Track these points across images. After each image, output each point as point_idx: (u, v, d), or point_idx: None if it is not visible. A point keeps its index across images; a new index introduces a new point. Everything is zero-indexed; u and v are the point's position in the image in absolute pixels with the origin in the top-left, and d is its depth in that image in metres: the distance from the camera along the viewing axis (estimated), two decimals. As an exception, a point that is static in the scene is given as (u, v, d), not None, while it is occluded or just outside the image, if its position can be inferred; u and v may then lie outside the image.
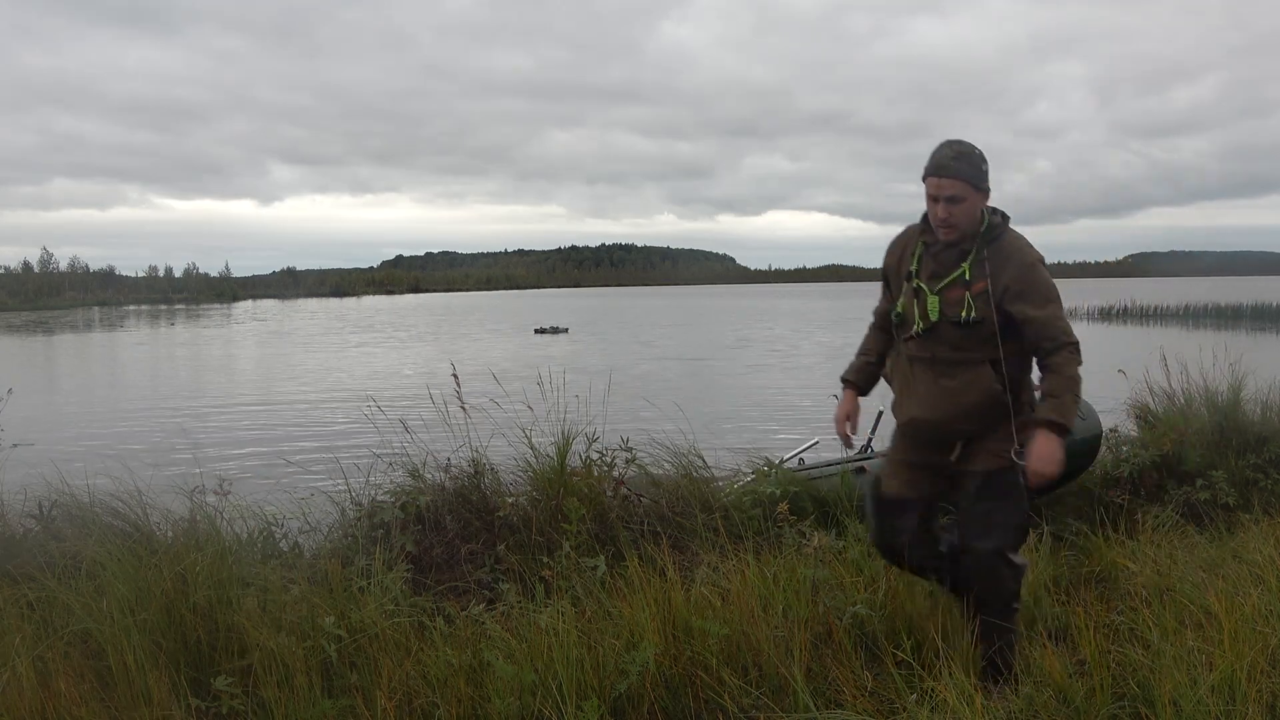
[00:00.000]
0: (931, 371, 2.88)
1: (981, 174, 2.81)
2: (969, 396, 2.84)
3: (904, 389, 2.98)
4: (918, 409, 2.91)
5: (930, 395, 2.88)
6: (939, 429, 2.90)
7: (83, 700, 2.61)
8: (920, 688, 2.73)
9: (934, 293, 2.85)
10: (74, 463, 4.34)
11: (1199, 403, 5.64)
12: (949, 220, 2.80)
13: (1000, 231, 2.83)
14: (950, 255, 2.85)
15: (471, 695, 2.74)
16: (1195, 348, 6.44)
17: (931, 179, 2.81)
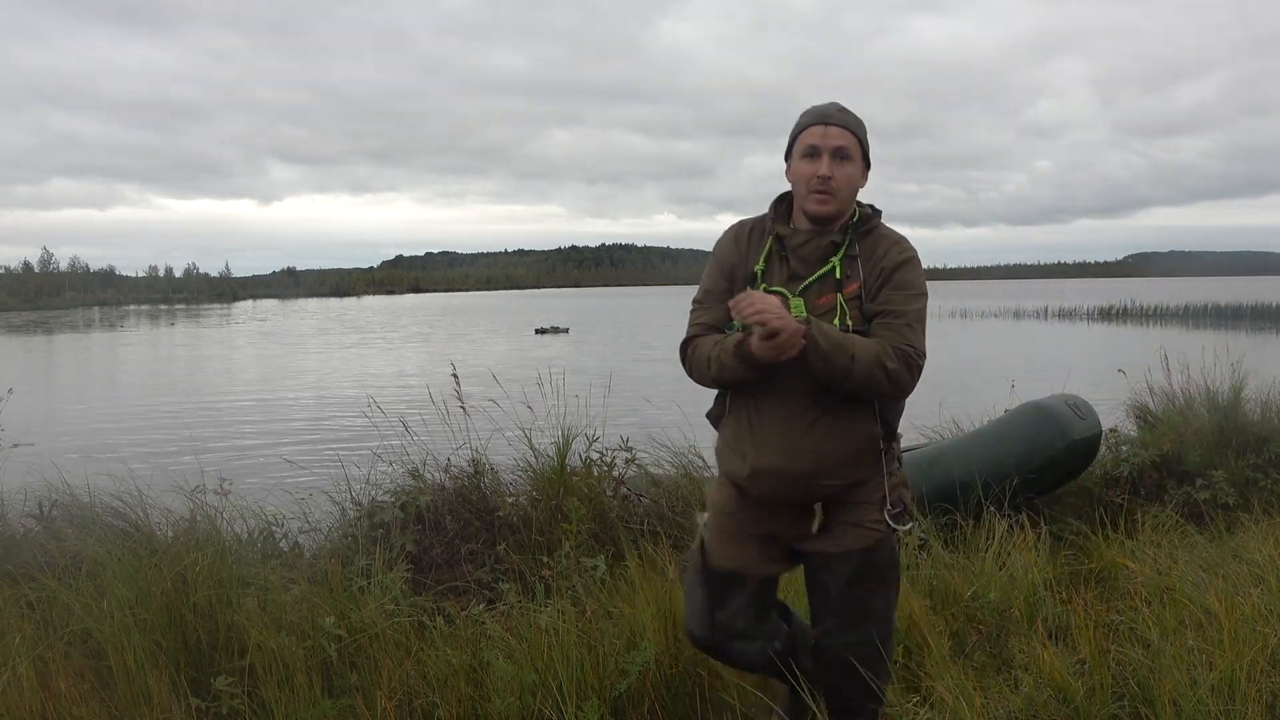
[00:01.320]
0: (791, 406, 2.18)
1: (867, 140, 2.30)
2: (846, 441, 2.20)
3: (746, 432, 2.25)
4: (773, 457, 2.19)
5: (791, 438, 2.18)
6: (803, 485, 2.21)
7: (83, 700, 2.61)
8: (919, 687, 2.74)
9: (796, 296, 2.21)
10: (74, 463, 4.34)
11: (1199, 403, 5.64)
12: (829, 186, 2.19)
13: (874, 223, 2.29)
14: (815, 248, 2.23)
15: (471, 695, 2.74)
16: (1195, 348, 6.44)
17: (814, 128, 2.23)
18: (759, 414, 2.23)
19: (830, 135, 2.22)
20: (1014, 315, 42.06)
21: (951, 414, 6.17)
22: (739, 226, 2.39)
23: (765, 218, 2.36)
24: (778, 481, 2.22)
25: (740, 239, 2.36)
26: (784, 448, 2.19)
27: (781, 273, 2.26)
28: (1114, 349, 20.77)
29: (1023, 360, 19.07)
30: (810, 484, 2.22)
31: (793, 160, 2.28)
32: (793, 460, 2.19)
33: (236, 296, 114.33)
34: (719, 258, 2.37)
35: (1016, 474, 4.49)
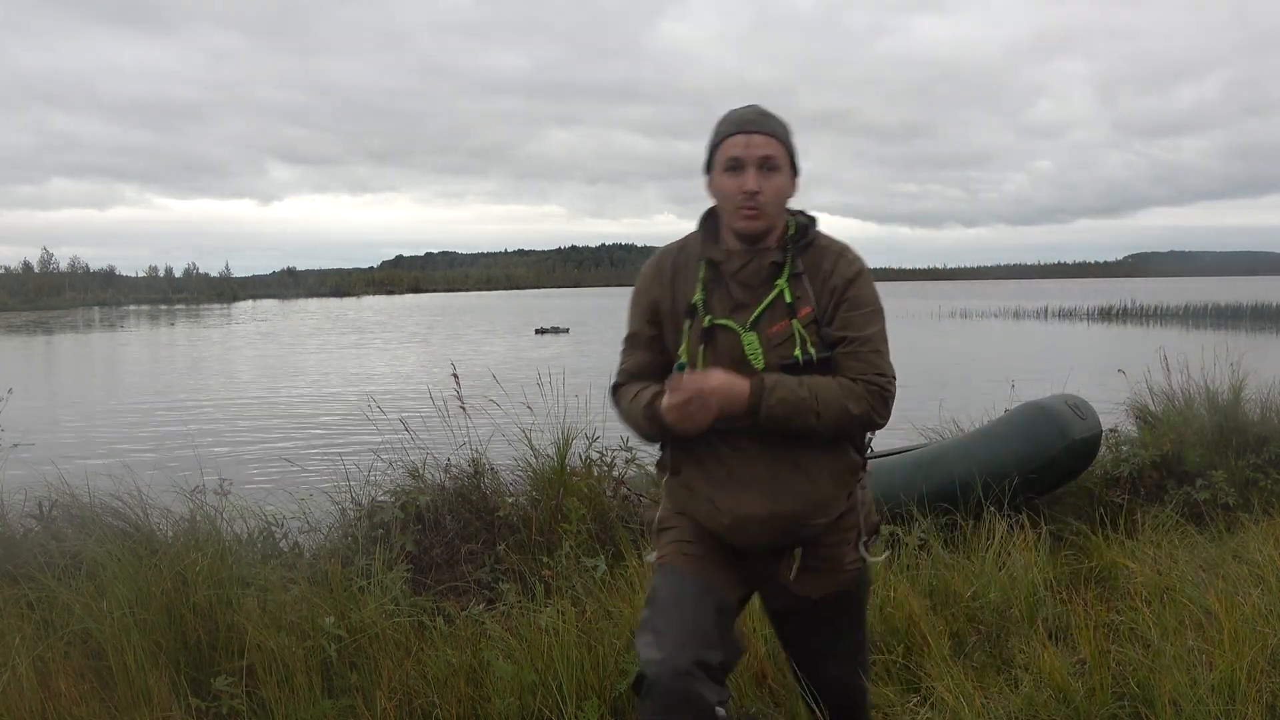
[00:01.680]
0: (771, 441, 1.97)
1: (793, 145, 2.06)
2: (830, 474, 2.02)
3: (721, 475, 2.02)
4: (757, 503, 1.98)
5: (776, 479, 1.99)
6: (790, 529, 2.03)
7: (83, 700, 2.61)
8: (919, 687, 2.74)
9: (747, 329, 1.99)
10: (74, 463, 4.34)
11: (1199, 403, 5.64)
12: (758, 201, 1.97)
13: (813, 234, 2.07)
14: (756, 271, 2.02)
15: (471, 695, 2.74)
16: (1195, 348, 6.44)
17: (735, 138, 1.99)
18: (734, 454, 2.00)
19: (754, 145, 1.99)
20: (1014, 315, 42.08)
21: (951, 414, 6.17)
22: (659, 257, 2.14)
23: (690, 241, 2.12)
24: (763, 529, 2.01)
25: (663, 271, 2.11)
26: (769, 491, 1.99)
27: (724, 303, 2.02)
28: (1114, 349, 20.77)
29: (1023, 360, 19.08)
30: (797, 526, 2.03)
31: (714, 174, 2.05)
32: (779, 503, 1.99)
33: (236, 297, 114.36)
34: (638, 297, 2.14)
35: (1016, 474, 4.49)
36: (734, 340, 1.99)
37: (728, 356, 1.98)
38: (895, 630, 3.04)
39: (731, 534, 2.04)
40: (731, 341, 1.99)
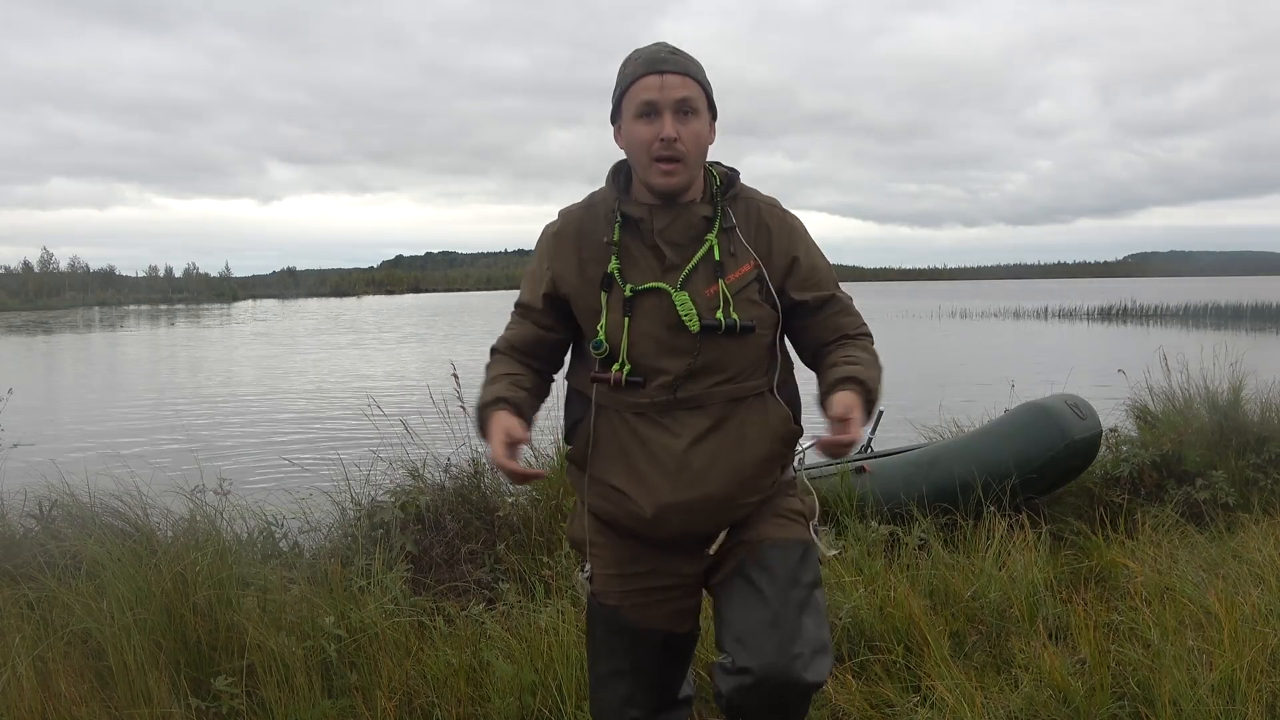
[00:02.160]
0: (693, 418, 1.78)
1: (710, 85, 1.84)
2: (755, 450, 1.82)
3: (640, 461, 1.81)
4: (682, 488, 1.77)
5: (702, 459, 1.77)
6: (719, 513, 1.83)
7: (83, 700, 2.61)
8: (919, 687, 2.74)
9: (679, 289, 1.78)
10: (74, 463, 4.34)
11: (1199, 403, 5.64)
12: (676, 150, 1.75)
13: (738, 186, 1.89)
14: (685, 227, 1.80)
15: (471, 695, 2.74)
16: (1195, 348, 6.44)
17: (648, 79, 1.76)
18: (651, 435, 1.79)
19: (669, 86, 1.75)
20: (1014, 315, 42.06)
21: (951, 414, 6.18)
22: (560, 225, 1.89)
23: (598, 200, 1.88)
24: (689, 517, 1.81)
25: (564, 241, 1.86)
26: (694, 474, 1.78)
27: (648, 265, 1.80)
28: (1114, 349, 20.77)
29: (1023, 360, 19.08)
30: (727, 509, 1.83)
31: (623, 121, 1.80)
32: (706, 486, 1.78)
33: (236, 296, 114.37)
34: (535, 268, 1.92)
35: (1016, 474, 4.49)
36: (664, 304, 1.78)
37: (660, 323, 1.78)
38: (895, 630, 3.03)
39: (655, 526, 1.82)
40: (662, 306, 1.78)
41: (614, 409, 1.83)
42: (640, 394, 1.80)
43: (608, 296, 1.81)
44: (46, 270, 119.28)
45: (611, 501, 1.87)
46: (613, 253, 1.82)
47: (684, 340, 1.78)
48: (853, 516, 4.26)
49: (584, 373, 1.89)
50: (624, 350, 1.79)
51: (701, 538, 1.88)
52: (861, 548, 3.69)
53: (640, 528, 1.85)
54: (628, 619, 1.94)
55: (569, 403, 1.94)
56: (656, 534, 1.85)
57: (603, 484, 1.87)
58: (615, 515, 1.88)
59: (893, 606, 3.13)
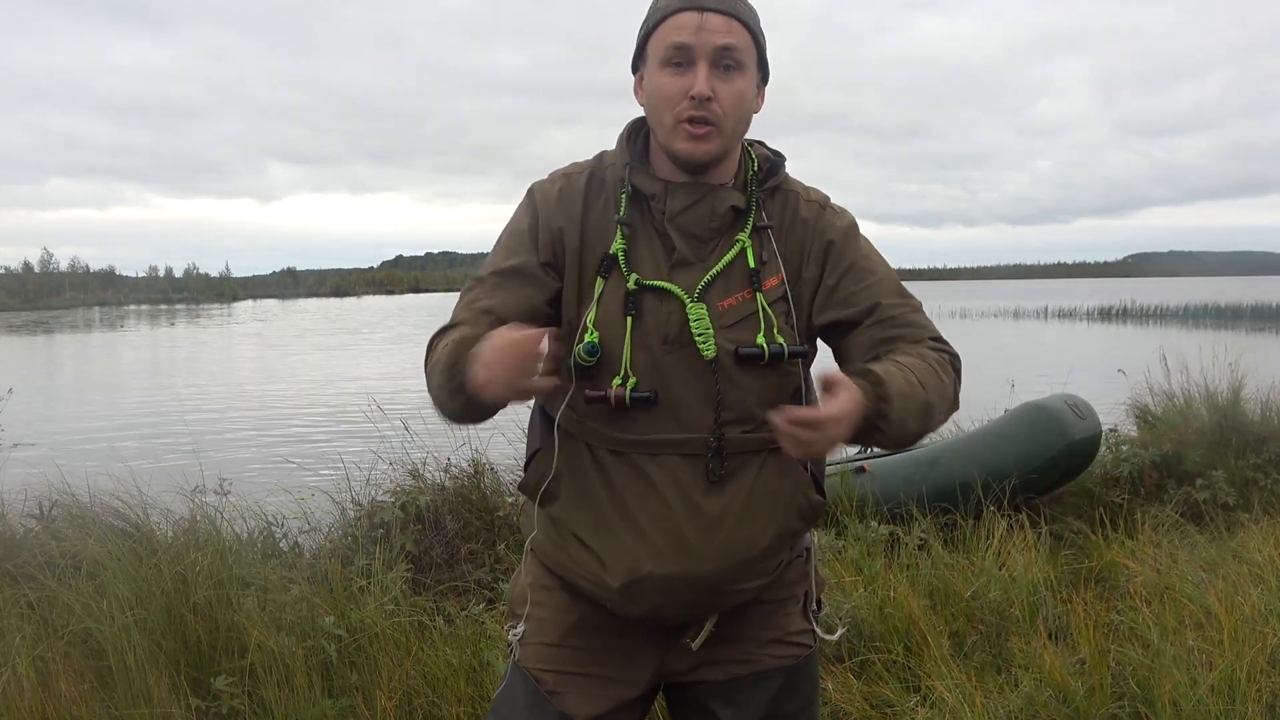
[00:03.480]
0: (685, 467, 1.37)
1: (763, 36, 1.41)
2: (766, 522, 1.41)
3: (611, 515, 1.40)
4: (664, 559, 1.36)
5: (694, 524, 1.37)
6: (707, 597, 1.42)
7: (83, 700, 2.61)
8: (919, 687, 2.74)
9: (695, 298, 1.38)
10: (74, 463, 4.34)
11: (1199, 403, 5.65)
12: (711, 111, 1.34)
13: (782, 174, 1.46)
14: (706, 217, 1.40)
15: (471, 695, 2.74)
16: (1195, 348, 6.45)
17: (683, 15, 1.34)
18: (630, 482, 1.37)
19: (710, 29, 1.33)
20: (1014, 315, 42.06)
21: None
22: (566, 176, 1.46)
23: (608, 162, 1.46)
24: (668, 597, 1.39)
25: (569, 195, 1.43)
26: (684, 544, 1.36)
27: (654, 257, 1.39)
28: (1114, 349, 20.76)
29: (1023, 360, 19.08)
30: (716, 594, 1.41)
31: (646, 69, 1.40)
32: (698, 561, 1.37)
33: (237, 296, 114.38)
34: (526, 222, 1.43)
35: (1016, 474, 4.49)
36: (672, 313, 1.37)
37: (656, 335, 1.37)
38: (895, 630, 3.04)
39: (624, 601, 1.40)
40: (662, 313, 1.37)
41: (584, 439, 1.40)
42: (632, 424, 1.36)
43: (604, 283, 1.39)
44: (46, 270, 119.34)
45: (573, 558, 1.43)
46: (618, 230, 1.40)
47: (679, 362, 1.36)
48: (853, 516, 4.26)
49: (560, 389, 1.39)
50: (626, 359, 1.35)
51: (674, 625, 1.46)
52: (861, 548, 3.70)
53: (603, 597, 1.42)
54: (553, 707, 1.46)
55: (531, 422, 1.53)
56: (622, 611, 1.42)
57: (563, 531, 1.44)
58: (575, 575, 1.44)
59: (892, 606, 3.13)
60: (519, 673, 1.50)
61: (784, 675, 1.50)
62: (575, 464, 1.42)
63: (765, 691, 1.49)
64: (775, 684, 1.49)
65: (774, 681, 1.49)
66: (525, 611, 1.51)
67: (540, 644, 1.49)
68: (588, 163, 1.48)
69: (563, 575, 1.48)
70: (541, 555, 1.52)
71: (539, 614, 1.51)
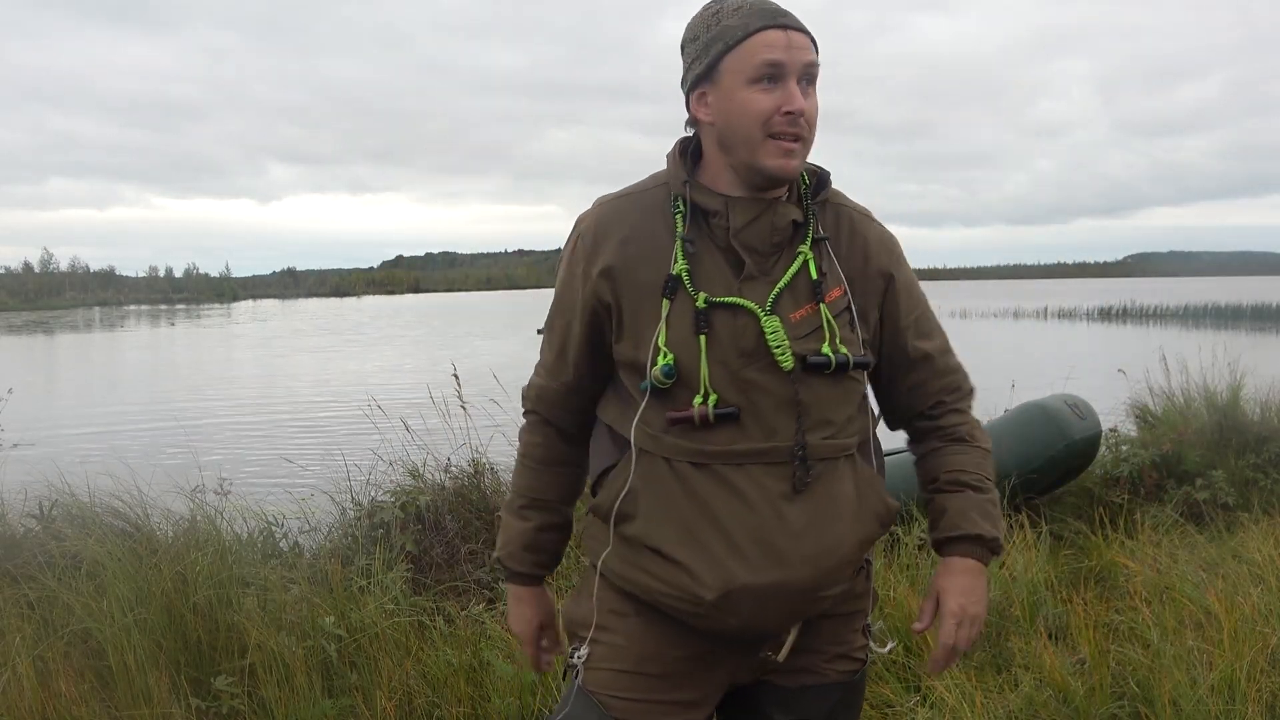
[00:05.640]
0: (760, 484, 1.38)
1: None
2: (850, 527, 1.43)
3: (700, 525, 1.38)
4: (760, 567, 1.36)
5: (771, 537, 1.37)
6: (800, 604, 1.42)
7: (83, 700, 2.61)
8: (919, 687, 2.74)
9: (768, 310, 1.39)
10: (74, 463, 4.34)
11: (1199, 403, 5.65)
12: (801, 126, 1.38)
13: (830, 188, 1.50)
14: (767, 231, 1.41)
15: (471, 695, 2.74)
16: (1195, 348, 6.45)
17: (770, 33, 1.36)
18: (717, 494, 1.37)
19: (797, 46, 1.37)
20: (1014, 315, 42.07)
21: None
22: (599, 211, 1.46)
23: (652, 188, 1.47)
24: (763, 607, 1.38)
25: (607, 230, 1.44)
26: (777, 552, 1.37)
27: (719, 273, 1.40)
28: (1114, 349, 20.76)
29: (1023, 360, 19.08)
30: (807, 601, 1.42)
31: (725, 87, 1.39)
32: (787, 569, 1.37)
33: (237, 296, 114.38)
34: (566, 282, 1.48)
35: (1016, 474, 4.49)
36: (746, 327, 1.38)
37: (732, 349, 1.38)
38: (895, 630, 3.04)
39: (718, 614, 1.38)
40: (737, 327, 1.38)
41: (663, 455, 1.40)
42: (714, 436, 1.37)
43: (670, 306, 1.39)
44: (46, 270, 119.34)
45: (656, 574, 1.40)
46: (676, 249, 1.40)
47: (756, 375, 1.38)
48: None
49: (620, 406, 1.46)
50: (704, 377, 1.37)
51: (762, 637, 1.45)
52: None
53: (692, 613, 1.40)
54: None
55: (598, 442, 1.54)
56: (714, 625, 1.39)
57: (644, 550, 1.41)
58: (657, 593, 1.41)
59: (892, 606, 3.13)
60: (585, 698, 1.47)
61: (842, 690, 1.53)
62: (654, 479, 1.41)
63: (824, 704, 1.52)
64: (834, 697, 1.53)
65: (834, 695, 1.52)
66: (590, 634, 1.49)
67: (610, 670, 1.46)
68: (634, 190, 1.48)
69: (641, 595, 1.44)
70: (615, 578, 1.48)
71: (609, 639, 1.48)
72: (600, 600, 1.50)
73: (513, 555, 1.60)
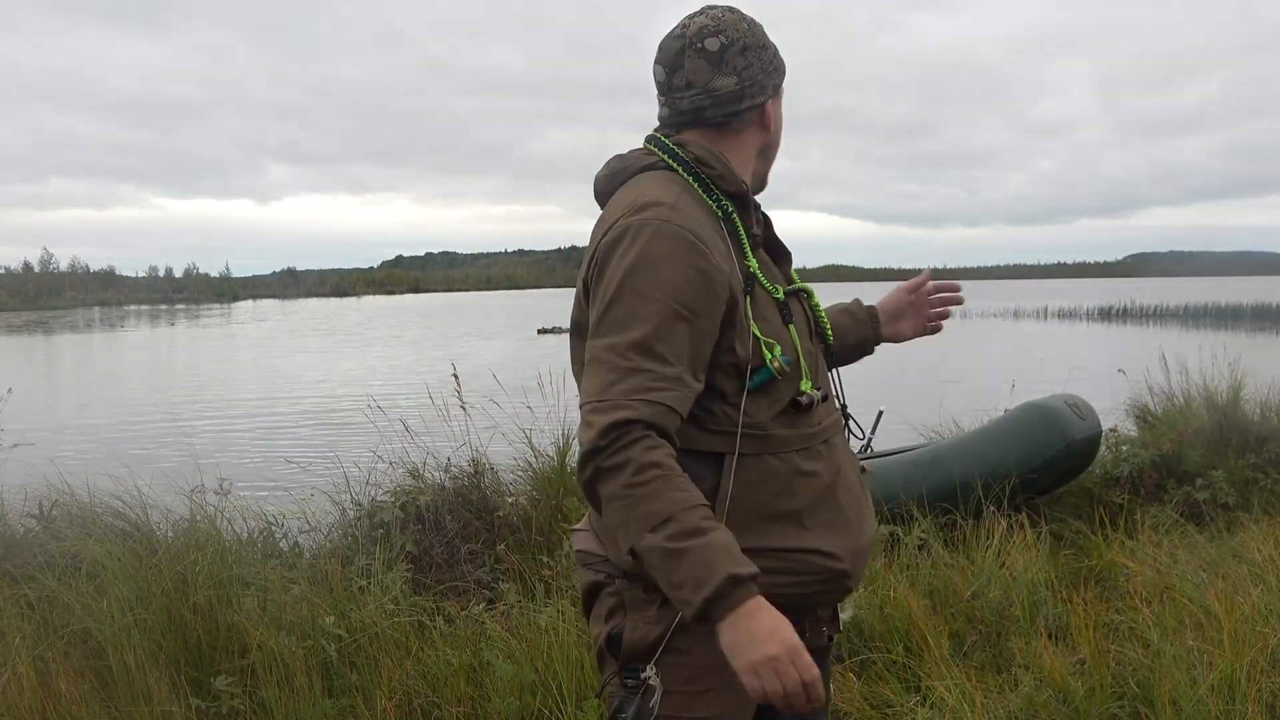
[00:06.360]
0: (841, 450, 1.54)
1: None
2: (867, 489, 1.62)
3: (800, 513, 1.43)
4: (854, 531, 1.48)
5: (860, 495, 1.53)
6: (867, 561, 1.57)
7: (83, 700, 2.61)
8: (919, 687, 2.74)
9: None
10: (74, 463, 4.34)
11: (1199, 403, 5.65)
12: None
13: None
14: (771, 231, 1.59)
15: (471, 695, 2.74)
16: (1195, 348, 6.45)
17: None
18: (824, 471, 1.46)
19: None
20: (1014, 315, 42.07)
21: (952, 414, 6.17)
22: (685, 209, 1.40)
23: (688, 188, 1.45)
24: (866, 561, 1.54)
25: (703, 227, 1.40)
26: (863, 505, 1.53)
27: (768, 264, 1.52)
28: (1114, 349, 20.76)
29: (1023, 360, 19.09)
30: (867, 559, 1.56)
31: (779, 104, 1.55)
32: (871, 520, 1.55)
33: (237, 296, 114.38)
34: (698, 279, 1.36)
35: (1016, 474, 4.49)
36: (807, 311, 1.54)
37: (806, 333, 1.50)
38: (895, 630, 3.04)
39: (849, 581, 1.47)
40: (801, 311, 1.52)
41: (769, 453, 1.41)
42: (810, 418, 1.45)
43: (749, 300, 1.42)
44: (46, 270, 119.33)
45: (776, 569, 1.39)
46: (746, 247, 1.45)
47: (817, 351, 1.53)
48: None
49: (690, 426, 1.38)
50: (804, 365, 1.44)
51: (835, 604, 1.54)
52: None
53: (824, 589, 1.46)
54: None
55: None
56: (844, 590, 1.49)
57: (761, 553, 1.37)
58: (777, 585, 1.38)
59: (892, 606, 3.13)
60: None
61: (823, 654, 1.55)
62: (758, 479, 1.41)
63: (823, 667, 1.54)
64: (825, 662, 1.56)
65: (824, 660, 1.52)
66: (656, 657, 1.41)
67: (689, 691, 1.42)
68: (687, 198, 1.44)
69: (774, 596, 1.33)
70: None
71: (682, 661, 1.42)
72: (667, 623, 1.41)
73: (737, 560, 1.26)
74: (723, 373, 1.40)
